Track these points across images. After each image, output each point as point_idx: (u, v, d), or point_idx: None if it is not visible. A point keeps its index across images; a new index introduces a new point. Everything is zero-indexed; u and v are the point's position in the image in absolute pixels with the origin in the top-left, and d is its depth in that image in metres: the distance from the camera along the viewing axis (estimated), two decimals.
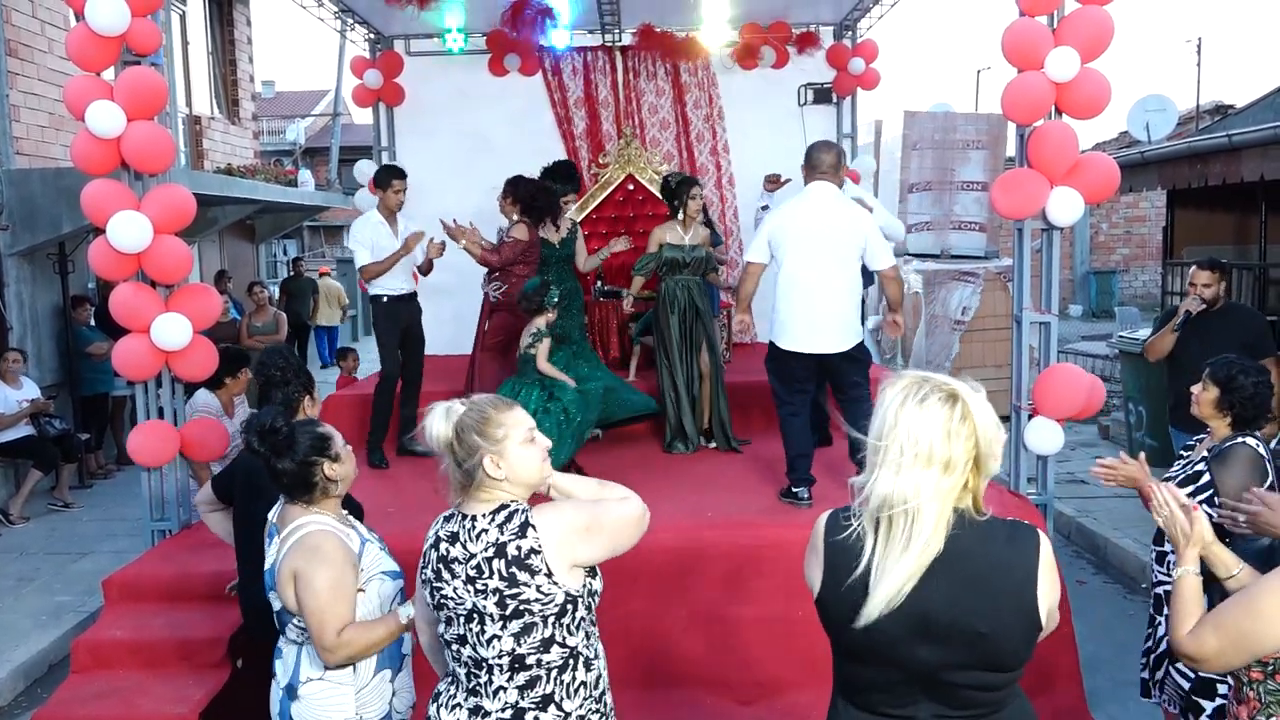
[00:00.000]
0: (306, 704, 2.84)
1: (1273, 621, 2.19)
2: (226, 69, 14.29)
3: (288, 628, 2.89)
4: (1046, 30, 4.71)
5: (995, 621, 1.95)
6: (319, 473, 2.86)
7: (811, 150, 5.21)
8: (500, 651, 2.33)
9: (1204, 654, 2.30)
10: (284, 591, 2.80)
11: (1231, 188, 8.69)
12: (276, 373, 3.90)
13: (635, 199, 8.94)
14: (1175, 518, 2.47)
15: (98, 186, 4.78)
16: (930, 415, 1.91)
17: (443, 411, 2.42)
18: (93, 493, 8.86)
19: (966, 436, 1.92)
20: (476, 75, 8.79)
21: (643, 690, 4.39)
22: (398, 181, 6.23)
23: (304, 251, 26.12)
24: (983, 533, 1.98)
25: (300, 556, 2.77)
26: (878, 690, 2.05)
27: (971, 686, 1.99)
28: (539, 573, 2.30)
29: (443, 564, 2.38)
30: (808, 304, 5.02)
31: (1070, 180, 4.78)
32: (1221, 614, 2.30)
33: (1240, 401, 3.48)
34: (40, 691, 5.31)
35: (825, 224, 4.99)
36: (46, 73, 9.43)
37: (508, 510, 2.37)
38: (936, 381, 1.96)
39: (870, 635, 1.96)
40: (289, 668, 2.90)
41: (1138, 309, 17.20)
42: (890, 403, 1.96)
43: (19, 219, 8.60)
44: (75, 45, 4.72)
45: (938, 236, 11.26)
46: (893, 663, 1.99)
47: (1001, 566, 1.98)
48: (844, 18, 8.65)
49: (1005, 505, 4.99)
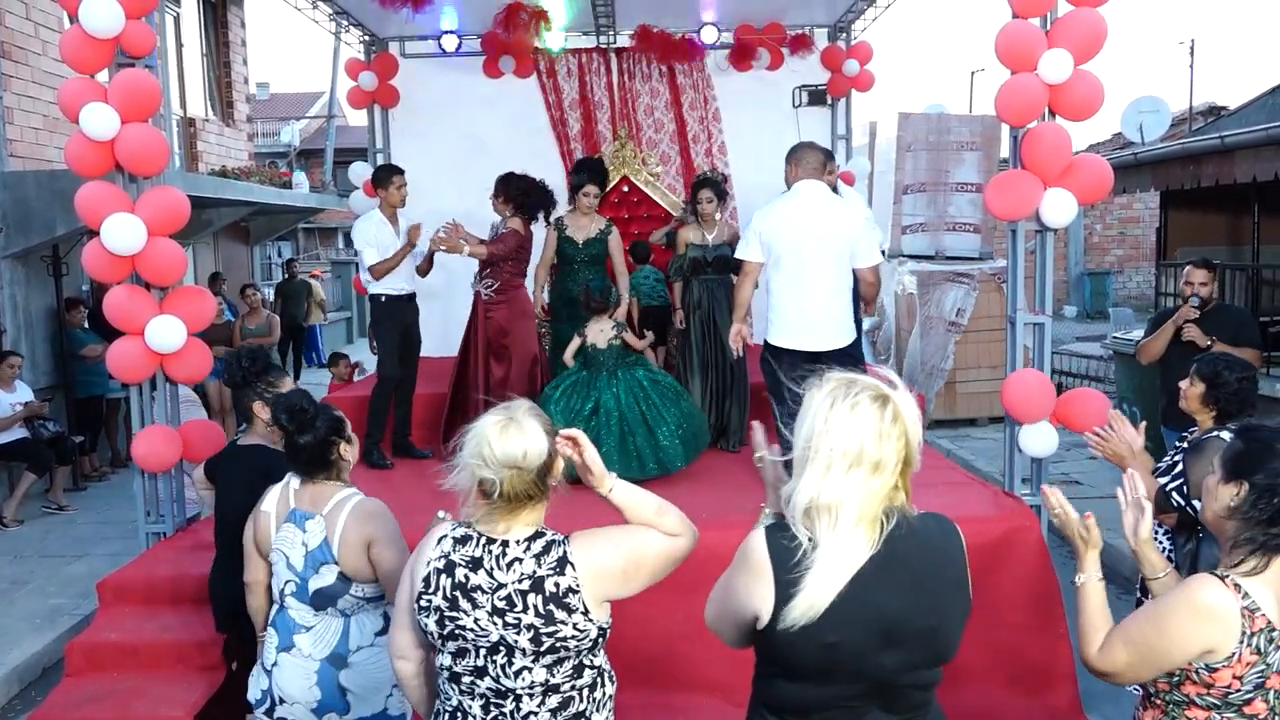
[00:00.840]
0: (359, 670, 3.00)
1: (1179, 639, 2.18)
2: (221, 71, 14.27)
3: (340, 600, 3.00)
4: (1039, 32, 4.72)
5: (943, 614, 1.97)
6: (336, 451, 3.09)
7: (798, 149, 5.22)
8: (532, 683, 2.22)
9: (1115, 669, 2.29)
10: (354, 561, 2.97)
11: (1225, 189, 8.72)
12: (238, 377, 3.89)
13: (630, 200, 8.95)
14: (1069, 519, 2.44)
15: (92, 189, 4.77)
16: (861, 417, 1.89)
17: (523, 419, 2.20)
18: (87, 495, 8.84)
19: (897, 437, 1.90)
20: (471, 77, 8.79)
21: (641, 693, 4.38)
22: (398, 178, 6.23)
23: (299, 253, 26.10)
24: (918, 530, 1.97)
25: (370, 523, 2.99)
26: (828, 707, 1.99)
27: (918, 686, 2.01)
28: (576, 611, 2.20)
29: (460, 591, 2.20)
30: (803, 302, 5.03)
31: (1064, 181, 4.79)
32: (1130, 628, 2.28)
33: (1225, 396, 3.60)
34: (34, 695, 5.30)
35: (817, 222, 5.01)
36: (41, 75, 9.41)
37: (545, 540, 2.24)
38: (864, 383, 1.94)
39: (835, 651, 1.91)
40: (330, 639, 3.03)
41: (1132, 310, 17.26)
42: (818, 405, 1.93)
43: (13, 221, 8.59)
44: (69, 47, 4.71)
45: (932, 238, 11.27)
46: (857, 676, 1.95)
47: (941, 560, 2.00)
48: (838, 19, 8.66)
49: (1000, 506, 5.00)
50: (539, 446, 2.19)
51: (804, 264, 5.00)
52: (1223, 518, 2.29)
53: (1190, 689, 2.24)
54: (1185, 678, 2.23)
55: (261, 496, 3.24)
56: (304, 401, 3.15)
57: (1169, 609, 2.22)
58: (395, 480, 5.93)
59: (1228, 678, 2.17)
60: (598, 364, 5.72)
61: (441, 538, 2.29)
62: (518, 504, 2.21)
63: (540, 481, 2.21)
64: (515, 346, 6.05)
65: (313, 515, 3.04)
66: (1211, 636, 2.16)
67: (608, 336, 5.73)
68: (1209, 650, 2.16)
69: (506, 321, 6.04)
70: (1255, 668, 2.16)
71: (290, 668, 3.03)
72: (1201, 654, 2.17)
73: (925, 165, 11.24)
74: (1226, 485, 2.28)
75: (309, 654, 3.03)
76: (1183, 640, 2.18)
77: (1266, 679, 2.18)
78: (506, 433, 2.18)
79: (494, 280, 6.06)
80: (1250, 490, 2.22)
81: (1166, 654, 2.20)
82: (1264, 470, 2.21)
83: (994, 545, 4.59)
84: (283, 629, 3.08)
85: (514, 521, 2.24)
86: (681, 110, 9.05)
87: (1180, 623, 2.18)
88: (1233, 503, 2.26)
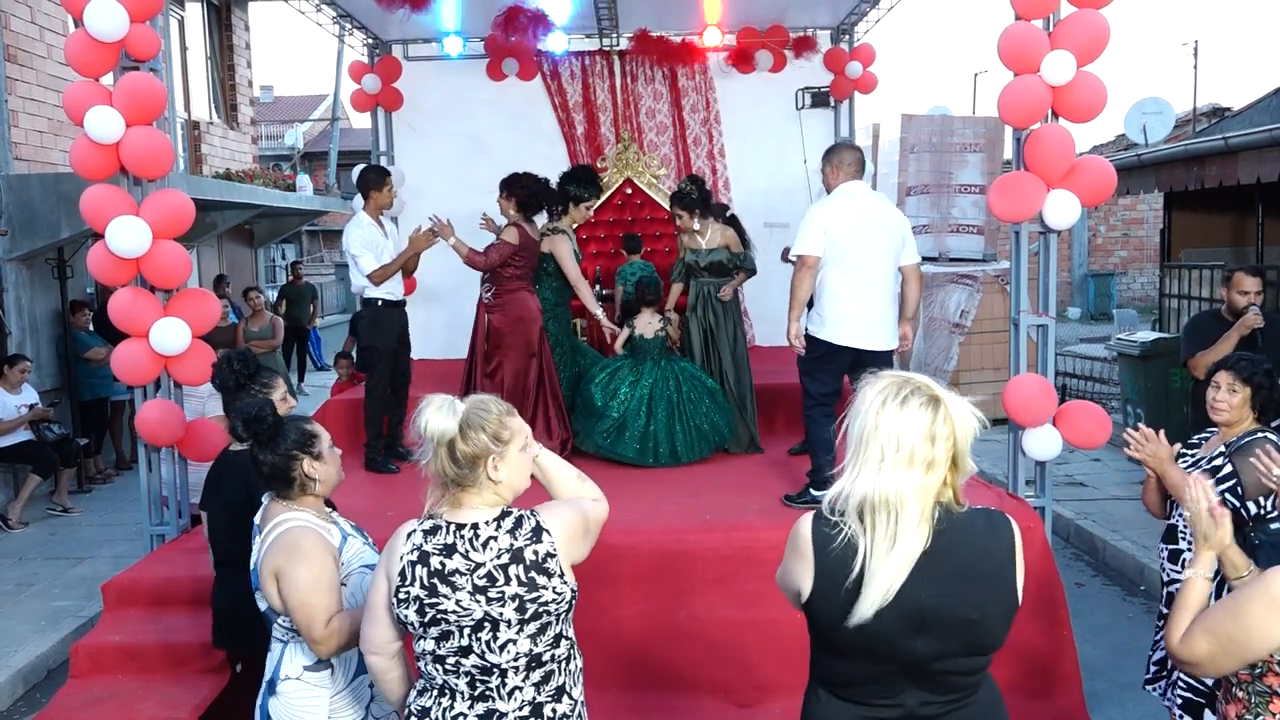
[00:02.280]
0: (282, 701, 2.87)
1: (1259, 628, 2.20)
2: (225, 74, 14.31)
3: (274, 626, 2.92)
4: (1043, 34, 4.72)
5: (983, 608, 2.03)
6: (298, 468, 2.87)
7: (836, 150, 5.18)
8: (516, 654, 2.33)
9: (1196, 659, 2.31)
10: (267, 590, 2.82)
11: (1228, 190, 8.70)
12: (231, 380, 3.83)
13: (633, 203, 8.97)
14: (1203, 516, 2.45)
15: (96, 192, 4.78)
16: (912, 418, 1.96)
17: (445, 406, 2.36)
18: (91, 498, 8.86)
19: (946, 438, 1.97)
20: (474, 80, 8.81)
21: (640, 693, 4.39)
22: (389, 179, 6.24)
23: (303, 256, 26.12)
24: (964, 524, 2.04)
25: (280, 554, 2.78)
26: (866, 683, 2.09)
27: (956, 672, 2.07)
28: (554, 575, 2.34)
29: (438, 579, 2.31)
30: (863, 300, 4.99)
31: (1067, 183, 4.78)
32: (1210, 619, 2.31)
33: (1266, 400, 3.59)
34: (39, 696, 5.30)
35: (874, 221, 4.99)
36: (45, 78, 9.44)
37: (514, 516, 2.38)
38: (917, 383, 2.00)
39: (866, 633, 1.99)
40: (273, 663, 2.93)
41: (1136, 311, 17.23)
42: (870, 404, 2.00)
43: (18, 224, 8.61)
44: (74, 51, 4.72)
45: (935, 240, 11.26)
46: (889, 658, 2.03)
47: (985, 555, 2.05)
48: (841, 21, 8.66)
49: (1004, 508, 4.97)
50: (441, 425, 2.32)
51: (864, 263, 4.97)
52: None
53: (1273, 680, 2.27)
54: (1268, 669, 2.26)
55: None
56: (263, 411, 2.91)
57: (1247, 599, 2.24)
58: (397, 484, 5.92)
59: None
60: (644, 352, 6.19)
61: (410, 533, 2.38)
62: (455, 487, 2.35)
63: (465, 466, 2.33)
64: (510, 350, 6.05)
65: (259, 533, 2.91)
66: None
67: (655, 328, 6.22)
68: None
69: (502, 324, 6.05)
70: None
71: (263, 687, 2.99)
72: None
73: (928, 167, 11.24)
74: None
75: (266, 675, 2.97)
76: (1261, 631, 2.20)
77: None
78: (439, 413, 2.34)
79: (492, 285, 6.06)
80: None
81: (1246, 644, 2.23)
82: None
83: None
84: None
85: (464, 507, 2.37)
86: (683, 113, 9.06)
87: (1258, 614, 2.20)
88: None
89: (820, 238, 4.96)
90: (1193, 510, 2.49)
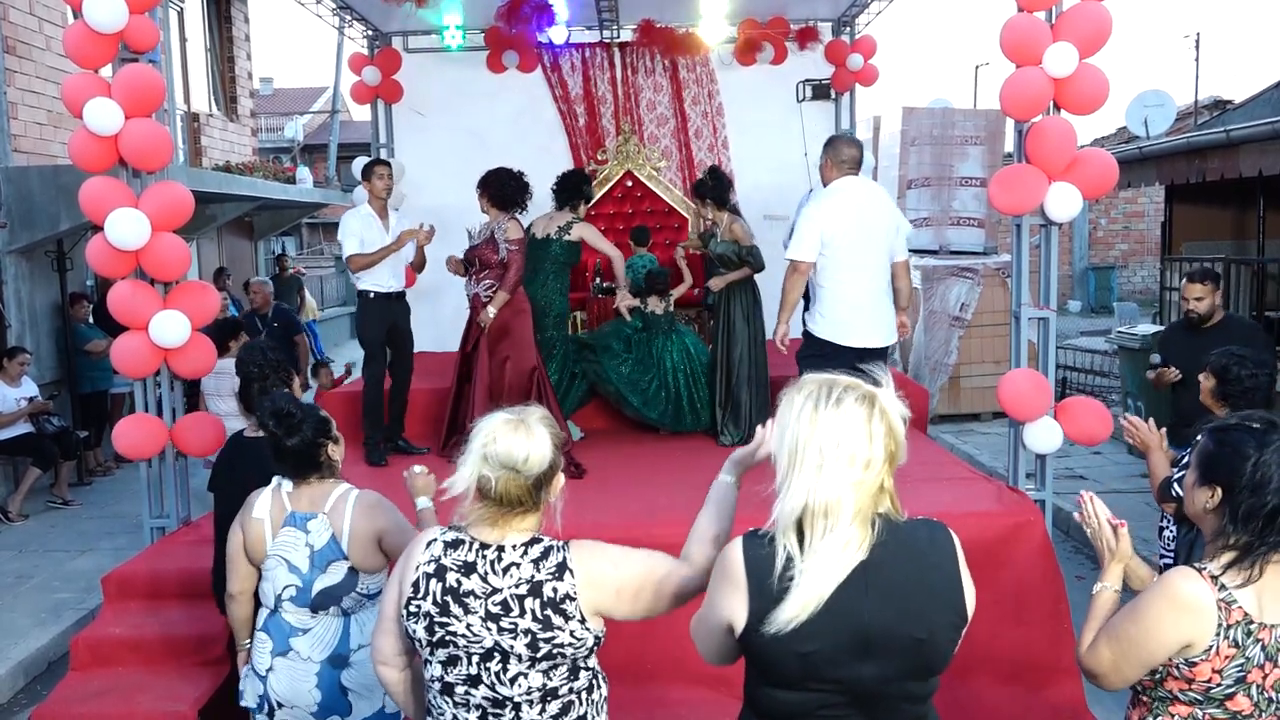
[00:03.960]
0: (362, 669, 2.99)
1: (1157, 632, 2.18)
2: (224, 66, 14.28)
3: (344, 598, 3.01)
4: (1045, 26, 4.71)
5: (930, 625, 1.90)
6: (324, 452, 3.07)
7: (835, 143, 5.16)
8: (529, 688, 2.18)
9: (1101, 668, 2.29)
10: (363, 555, 3.00)
11: (1230, 183, 8.69)
12: (254, 369, 3.89)
13: (634, 195, 8.95)
14: (1102, 531, 2.46)
15: (96, 184, 4.77)
16: (848, 416, 1.86)
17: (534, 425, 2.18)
18: (92, 490, 8.86)
19: (885, 435, 1.87)
20: (475, 72, 8.78)
21: (640, 687, 4.39)
22: (380, 168, 6.18)
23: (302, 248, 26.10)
24: (906, 536, 1.92)
25: (378, 515, 3.03)
26: (810, 715, 1.95)
27: (907, 699, 1.95)
28: (573, 619, 2.17)
29: (451, 596, 2.16)
30: (863, 298, 5.01)
31: (1068, 176, 4.77)
32: (1112, 626, 2.29)
33: (1236, 392, 3.58)
34: (40, 689, 5.31)
35: (869, 218, 4.99)
36: (45, 70, 9.42)
37: (543, 545, 2.21)
38: (845, 382, 1.91)
39: (810, 660, 1.86)
40: (329, 640, 3.02)
41: (1137, 304, 17.22)
42: (801, 408, 1.89)
43: (17, 216, 8.60)
44: (73, 42, 4.71)
45: (936, 232, 11.25)
46: (835, 685, 1.90)
47: (931, 567, 1.93)
48: (842, 13, 8.64)
49: (1004, 501, 5.00)
50: (541, 454, 2.17)
51: (862, 262, 4.98)
52: (1200, 516, 2.31)
53: (1172, 685, 2.23)
54: (1167, 673, 2.22)
55: (249, 503, 3.15)
56: (290, 405, 3.09)
57: (1146, 602, 2.22)
58: (394, 477, 5.91)
59: (1207, 672, 2.17)
60: (656, 325, 6.73)
61: (430, 541, 2.25)
62: (509, 509, 2.18)
63: (534, 490, 2.18)
64: (515, 345, 6.02)
65: (314, 515, 3.03)
66: (1188, 629, 2.15)
67: (664, 305, 6.82)
68: (1187, 644, 2.16)
69: (507, 320, 6.01)
70: (1234, 661, 2.15)
71: (288, 672, 3.00)
72: (1180, 648, 2.17)
73: (929, 160, 11.22)
74: (1201, 488, 2.28)
75: (308, 656, 3.00)
76: (1160, 633, 2.18)
77: (1247, 673, 2.16)
78: (515, 434, 2.16)
79: (494, 282, 6.00)
80: (1223, 494, 2.22)
81: (1146, 648, 2.20)
82: (1233, 474, 2.19)
83: (998, 540, 4.59)
84: (277, 634, 3.04)
85: (506, 529, 2.20)
86: (684, 105, 9.04)
87: (1157, 615, 2.18)
88: (1208, 505, 2.26)
89: (817, 243, 4.99)
90: (1090, 528, 2.48)
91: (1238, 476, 2.17)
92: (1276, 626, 2.16)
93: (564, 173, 6.71)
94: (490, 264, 5.96)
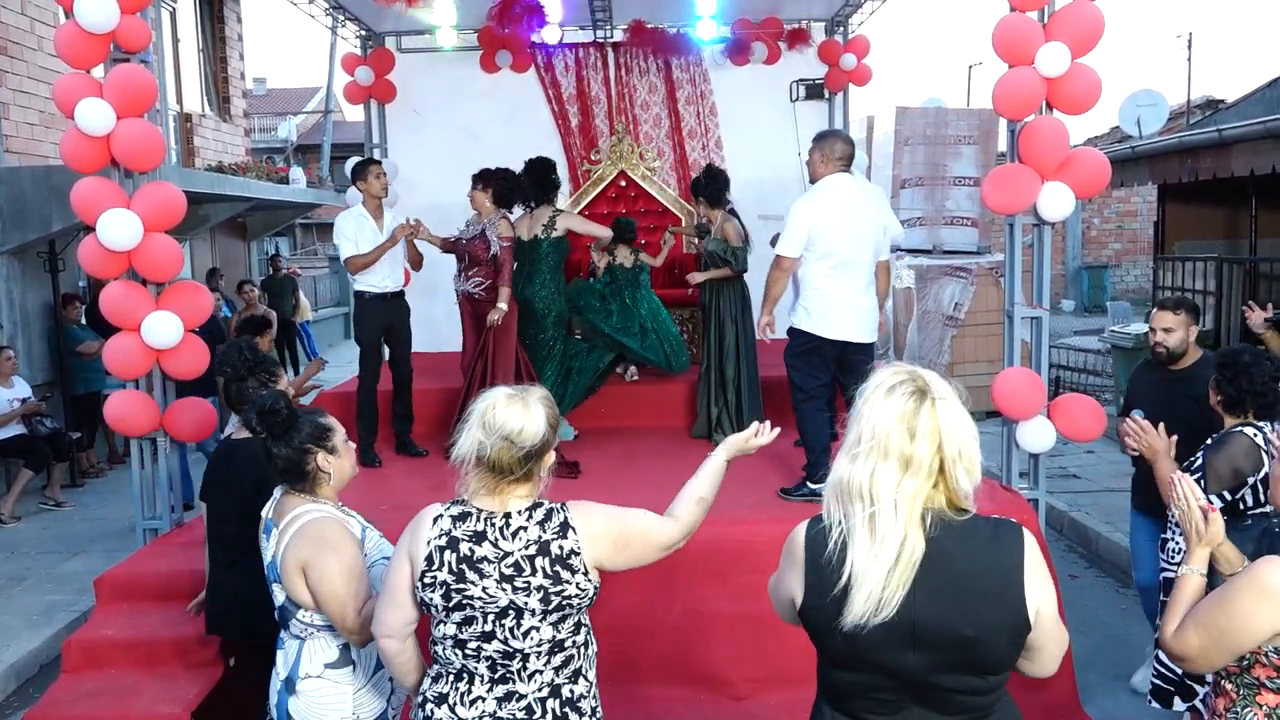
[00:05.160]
0: (304, 700, 2.82)
1: (1248, 619, 2.20)
2: (217, 66, 14.25)
3: (291, 622, 2.85)
4: (1037, 25, 4.71)
5: (980, 624, 1.89)
6: (313, 461, 2.85)
7: (827, 139, 5.12)
8: (540, 640, 2.37)
9: (1188, 653, 2.31)
10: (292, 584, 2.76)
11: (1222, 182, 8.72)
12: (229, 369, 3.80)
13: (627, 195, 8.94)
14: (1192, 514, 2.46)
15: (87, 184, 4.76)
16: (892, 406, 1.88)
17: (533, 402, 2.37)
18: (84, 491, 8.83)
19: (929, 434, 1.86)
20: (468, 72, 8.78)
21: (636, 686, 4.39)
22: (374, 168, 6.16)
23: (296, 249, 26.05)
24: (962, 533, 1.91)
25: (307, 546, 2.74)
26: (865, 696, 2.01)
27: (961, 691, 1.95)
28: (579, 572, 2.36)
29: (466, 564, 2.33)
30: (849, 294, 5.01)
31: (1061, 175, 4.78)
32: (1201, 612, 2.30)
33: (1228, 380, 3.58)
34: (32, 691, 5.30)
35: (858, 216, 4.99)
36: (36, 70, 9.39)
37: (544, 509, 2.40)
38: (915, 374, 1.92)
39: (855, 642, 1.91)
40: (289, 662, 2.87)
41: (1130, 303, 17.25)
42: (865, 390, 1.95)
43: (9, 217, 8.57)
44: (64, 43, 4.69)
45: (930, 232, 11.26)
46: (881, 669, 1.95)
47: (983, 567, 1.91)
48: (835, 13, 8.64)
49: (998, 500, 5.00)
50: (536, 428, 2.35)
51: (849, 259, 4.98)
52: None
53: (1260, 672, 2.26)
54: (1255, 661, 2.25)
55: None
56: (278, 403, 2.87)
57: (1236, 591, 2.23)
58: (391, 477, 5.92)
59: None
60: (623, 277, 6.99)
61: (437, 517, 2.39)
62: (501, 478, 2.34)
63: (524, 461, 2.34)
64: (506, 338, 6.02)
65: (274, 528, 2.87)
66: (1277, 618, 2.17)
67: (633, 259, 7.10)
68: (1276, 632, 2.18)
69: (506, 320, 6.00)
70: None
71: (272, 684, 2.96)
72: (1270, 636, 2.19)
73: (922, 159, 11.23)
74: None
75: (277, 672, 2.93)
76: (1250, 622, 2.19)
77: None
78: (511, 405, 2.35)
79: (484, 279, 5.99)
80: None
81: (1235, 637, 2.22)
82: None
83: None
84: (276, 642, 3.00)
85: (506, 496, 2.37)
86: (677, 105, 9.04)
87: (1247, 604, 2.20)
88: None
89: (803, 239, 4.99)
90: (1180, 509, 2.49)
91: None
92: None
93: (528, 166, 6.53)
94: (480, 260, 5.94)
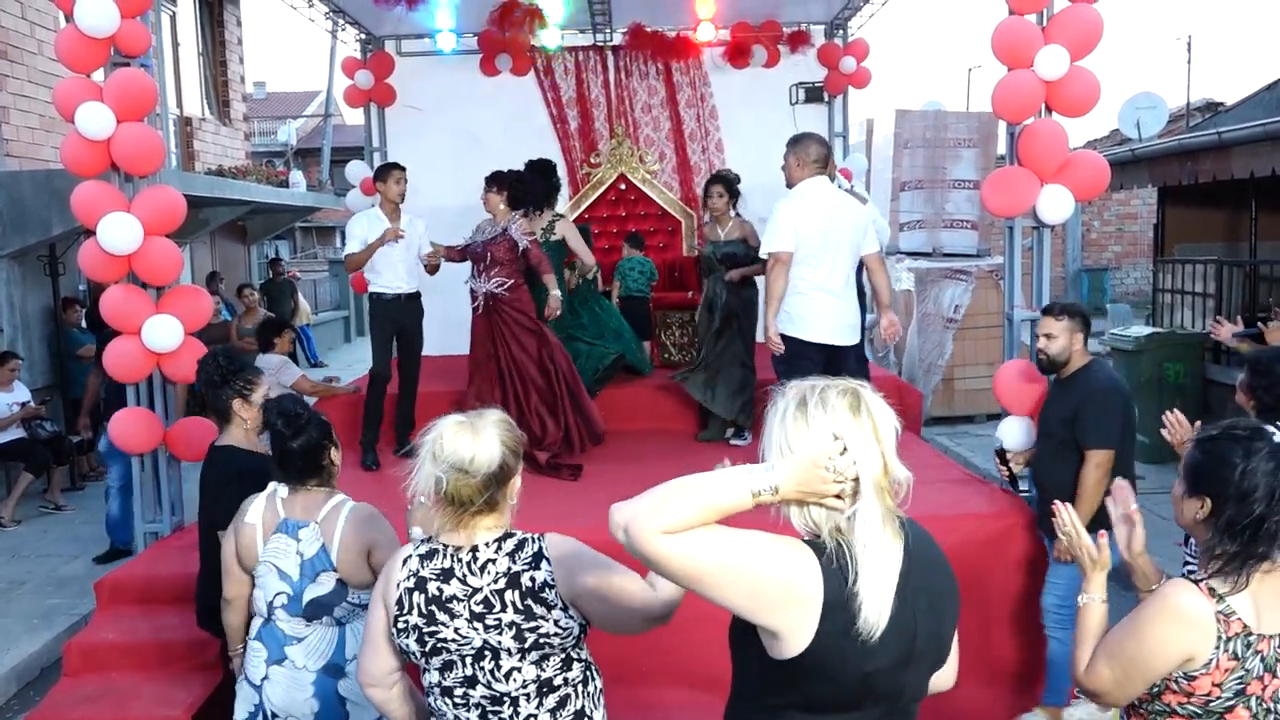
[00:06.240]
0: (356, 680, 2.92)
1: (1158, 646, 2.14)
2: (217, 70, 14.26)
3: (336, 607, 2.98)
4: (1036, 29, 4.72)
5: (949, 622, 1.91)
6: (327, 456, 3.08)
7: (801, 141, 5.15)
8: (524, 681, 2.20)
9: (1102, 687, 2.23)
10: (352, 568, 2.95)
11: (1222, 185, 8.73)
12: (203, 376, 3.81)
13: (627, 199, 8.95)
14: (1080, 540, 2.39)
15: (88, 188, 4.77)
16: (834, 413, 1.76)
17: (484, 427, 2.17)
18: (84, 495, 8.82)
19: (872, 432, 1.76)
20: (468, 75, 8.79)
21: (634, 687, 4.39)
22: (396, 172, 6.15)
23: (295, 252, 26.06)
24: (919, 538, 1.86)
25: (368, 528, 2.99)
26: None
27: (917, 698, 1.92)
28: (554, 606, 2.18)
29: (435, 605, 2.18)
30: (830, 297, 5.05)
31: (1060, 178, 4.79)
32: (1111, 644, 2.23)
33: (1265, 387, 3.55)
34: (32, 694, 5.29)
35: (836, 218, 5.02)
36: (36, 74, 9.40)
37: (516, 539, 2.23)
38: (830, 383, 1.81)
39: (871, 680, 1.76)
40: (324, 649, 2.99)
41: (1129, 306, 17.26)
42: (784, 408, 1.81)
43: (9, 221, 8.57)
44: (64, 47, 4.70)
45: (929, 235, 11.27)
46: (885, 698, 1.81)
47: (940, 564, 1.92)
48: (835, 16, 8.66)
49: (997, 503, 5.00)
50: (489, 455, 2.16)
51: (830, 261, 5.02)
52: (1192, 527, 2.26)
53: (1171, 698, 2.18)
54: (1165, 687, 2.17)
55: (243, 508, 3.13)
56: (297, 406, 3.12)
57: (1146, 617, 2.18)
58: (387, 481, 5.90)
59: (1207, 685, 2.13)
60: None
61: (407, 558, 2.26)
62: (463, 510, 2.17)
63: (483, 490, 2.16)
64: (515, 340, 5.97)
65: (306, 523, 3.00)
66: (1189, 642, 2.12)
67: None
68: (1187, 657, 2.12)
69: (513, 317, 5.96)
70: (1234, 674, 2.11)
71: (285, 681, 2.97)
72: (1180, 662, 2.13)
73: (922, 162, 11.24)
74: (1190, 499, 2.23)
75: (303, 665, 2.97)
76: (1161, 648, 2.14)
77: (1246, 685, 2.12)
78: (460, 434, 2.17)
79: (507, 278, 5.88)
80: (1212, 504, 2.17)
81: (1148, 664, 2.16)
82: (1220, 484, 2.15)
83: (991, 541, 4.60)
84: (271, 642, 3.01)
85: (472, 529, 2.20)
86: (678, 108, 9.05)
87: (1158, 630, 2.14)
88: (1198, 516, 2.21)
89: (792, 235, 5.02)
90: (1067, 537, 2.42)
91: (1224, 486, 2.13)
92: (1274, 637, 2.13)
93: (529, 168, 6.49)
94: (502, 260, 5.86)
